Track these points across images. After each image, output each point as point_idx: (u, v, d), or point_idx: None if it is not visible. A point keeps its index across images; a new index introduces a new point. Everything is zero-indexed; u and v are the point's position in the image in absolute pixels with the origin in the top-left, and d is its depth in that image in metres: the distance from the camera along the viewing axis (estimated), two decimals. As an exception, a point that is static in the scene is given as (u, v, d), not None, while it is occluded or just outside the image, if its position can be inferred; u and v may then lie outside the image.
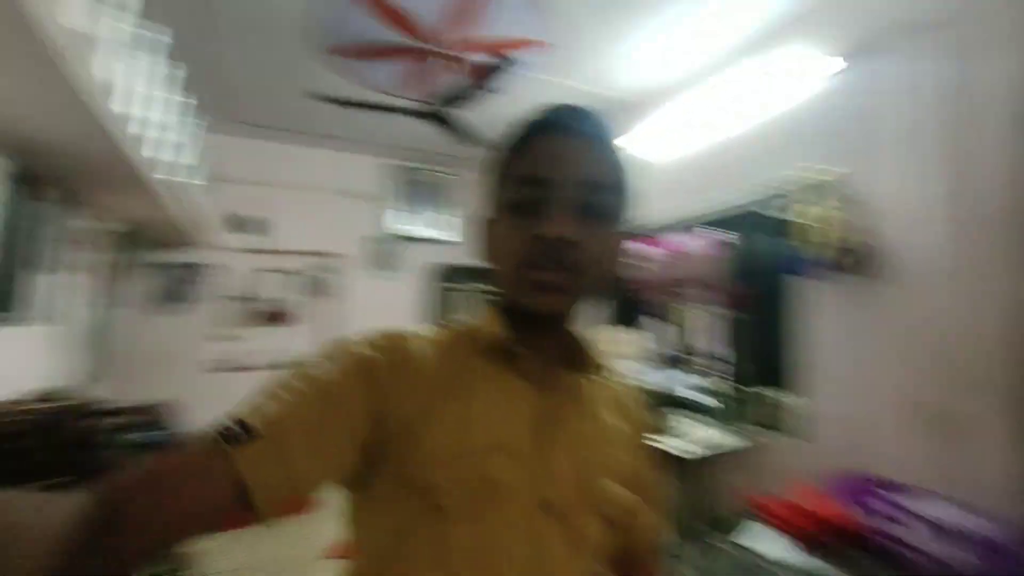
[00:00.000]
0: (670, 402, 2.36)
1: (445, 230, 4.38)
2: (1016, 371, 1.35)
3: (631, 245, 0.52)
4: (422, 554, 0.43)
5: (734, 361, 2.35)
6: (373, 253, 4.11)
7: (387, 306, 4.04)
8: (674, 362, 2.62)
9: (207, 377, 3.54)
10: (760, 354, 2.21)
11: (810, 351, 1.93)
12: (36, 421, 1.38)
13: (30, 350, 2.06)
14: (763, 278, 2.08)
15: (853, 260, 1.70)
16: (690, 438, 2.09)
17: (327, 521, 2.45)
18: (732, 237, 2.18)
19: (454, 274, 4.41)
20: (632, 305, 2.77)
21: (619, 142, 0.50)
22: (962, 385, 1.47)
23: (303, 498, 0.41)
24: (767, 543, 1.52)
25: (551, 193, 0.45)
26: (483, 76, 2.25)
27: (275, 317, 3.79)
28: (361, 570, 0.47)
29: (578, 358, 0.52)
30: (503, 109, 2.70)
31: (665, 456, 1.93)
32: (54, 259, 2.09)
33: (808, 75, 1.99)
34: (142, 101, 1.63)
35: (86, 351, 2.60)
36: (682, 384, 2.44)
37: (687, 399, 2.39)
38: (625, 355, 2.63)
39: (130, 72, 1.51)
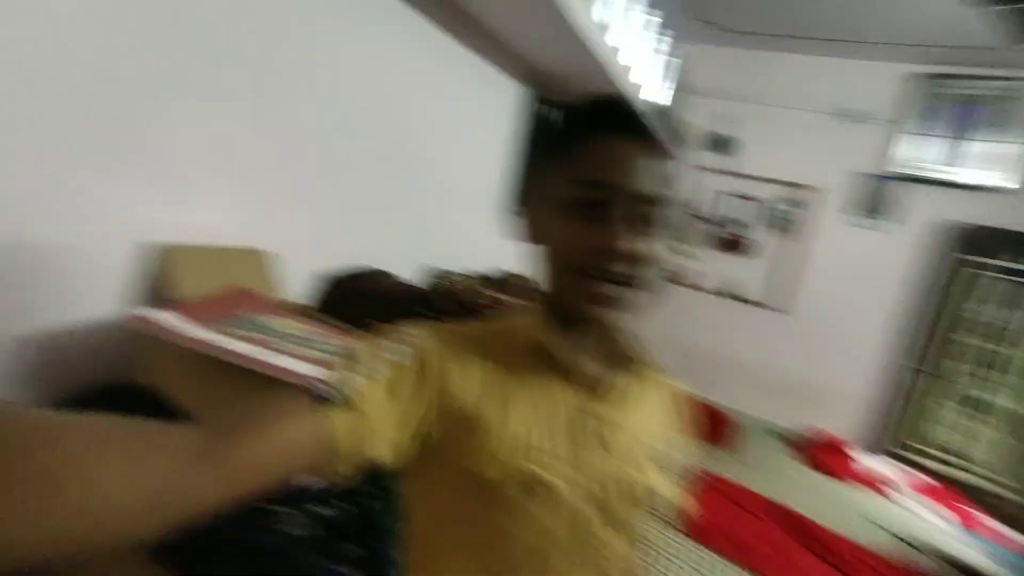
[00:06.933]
0: None
1: (982, 169, 2.87)
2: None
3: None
4: (475, 538, 0.47)
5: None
6: (860, 193, 3.23)
7: (862, 264, 3.26)
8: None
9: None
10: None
11: None
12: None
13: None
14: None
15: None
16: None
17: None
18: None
19: (986, 241, 2.83)
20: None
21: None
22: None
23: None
24: None
25: (618, 202, 0.45)
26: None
27: (731, 244, 3.69)
28: (418, 549, 0.52)
29: (618, 355, 0.54)
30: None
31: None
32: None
33: None
34: (624, 28, 2.04)
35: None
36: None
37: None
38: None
39: (615, 4, 1.90)
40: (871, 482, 2.98)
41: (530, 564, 0.47)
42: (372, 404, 0.41)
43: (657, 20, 2.37)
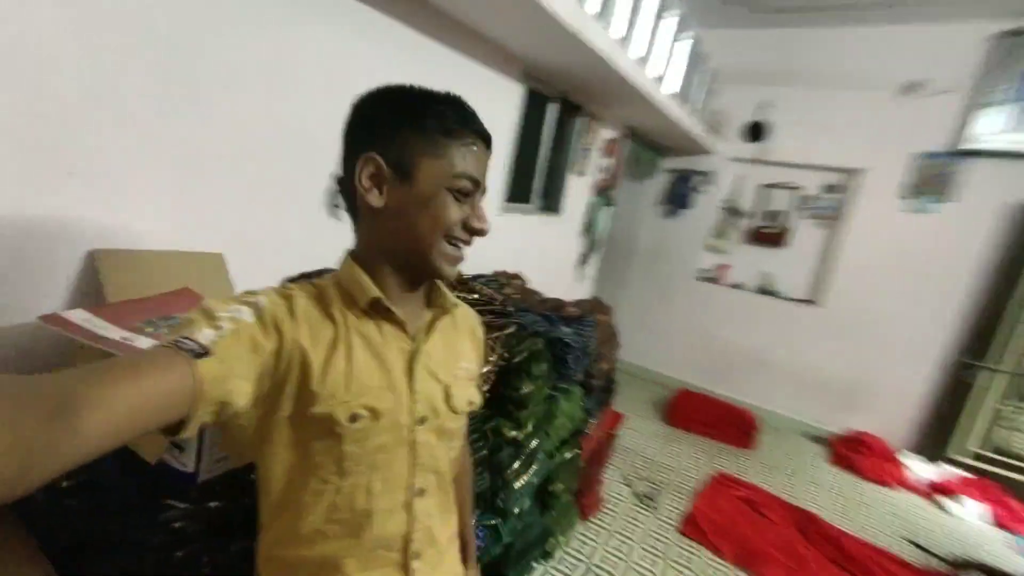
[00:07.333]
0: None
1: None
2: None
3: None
4: (324, 464, 0.55)
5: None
6: (918, 173, 2.92)
7: (914, 251, 2.98)
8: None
9: (693, 284, 3.78)
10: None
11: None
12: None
13: (558, 234, 2.96)
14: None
15: None
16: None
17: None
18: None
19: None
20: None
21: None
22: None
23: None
24: None
25: (478, 191, 0.60)
26: None
27: (767, 237, 3.47)
28: (275, 484, 0.57)
29: (436, 300, 0.66)
30: None
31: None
32: (575, 163, 2.86)
33: None
34: (633, 20, 1.99)
35: (583, 239, 3.31)
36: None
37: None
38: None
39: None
40: (916, 488, 2.79)
41: (376, 476, 0.57)
42: (228, 353, 0.45)
43: (675, 7, 2.23)
